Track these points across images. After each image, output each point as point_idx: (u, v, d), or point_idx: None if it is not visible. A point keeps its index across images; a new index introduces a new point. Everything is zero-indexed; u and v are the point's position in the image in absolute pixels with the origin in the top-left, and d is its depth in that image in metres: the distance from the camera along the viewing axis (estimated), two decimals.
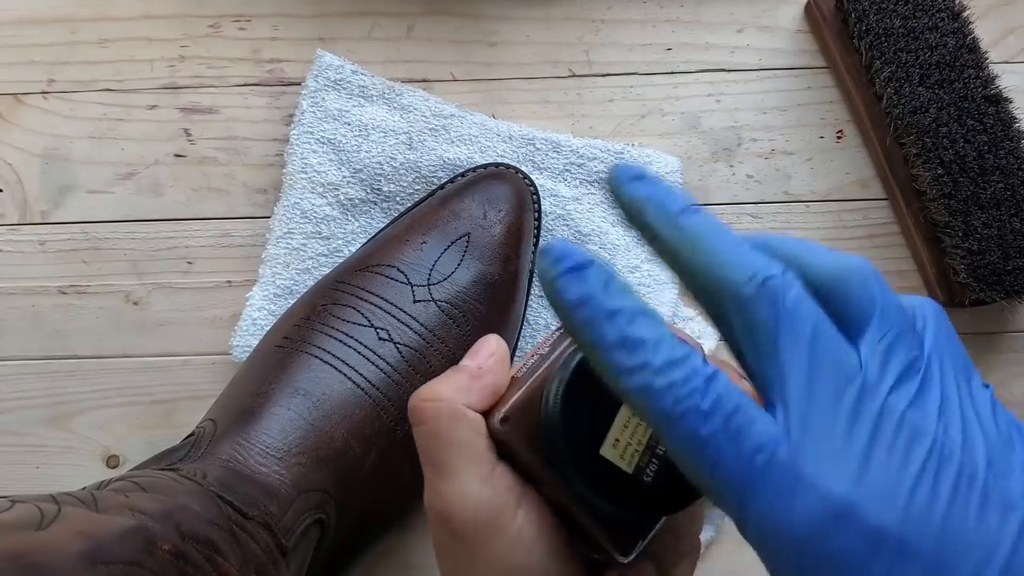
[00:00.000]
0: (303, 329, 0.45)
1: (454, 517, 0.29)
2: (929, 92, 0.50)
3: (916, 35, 0.51)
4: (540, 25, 0.56)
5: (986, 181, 0.49)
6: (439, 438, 0.30)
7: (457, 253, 0.48)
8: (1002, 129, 0.50)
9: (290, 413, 0.42)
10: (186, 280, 0.54)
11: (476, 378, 0.31)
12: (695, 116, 0.55)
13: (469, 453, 0.30)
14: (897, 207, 0.54)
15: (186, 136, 0.55)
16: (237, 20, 0.56)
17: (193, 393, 0.54)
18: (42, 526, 0.30)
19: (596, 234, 0.53)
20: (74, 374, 0.54)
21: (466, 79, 0.56)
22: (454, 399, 0.30)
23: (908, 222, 0.53)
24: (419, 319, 0.46)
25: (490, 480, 0.30)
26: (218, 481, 0.38)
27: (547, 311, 0.52)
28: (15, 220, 0.55)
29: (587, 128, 0.55)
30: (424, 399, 0.31)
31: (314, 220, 0.52)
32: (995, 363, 0.54)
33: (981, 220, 0.49)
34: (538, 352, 0.32)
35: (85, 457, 0.54)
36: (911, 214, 0.53)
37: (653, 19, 0.56)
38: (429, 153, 0.53)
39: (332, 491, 0.41)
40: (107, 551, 0.30)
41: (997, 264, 0.49)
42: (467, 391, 0.31)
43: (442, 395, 0.31)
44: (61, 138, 0.55)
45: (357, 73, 0.54)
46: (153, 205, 0.55)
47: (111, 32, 0.56)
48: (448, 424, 0.30)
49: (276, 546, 0.38)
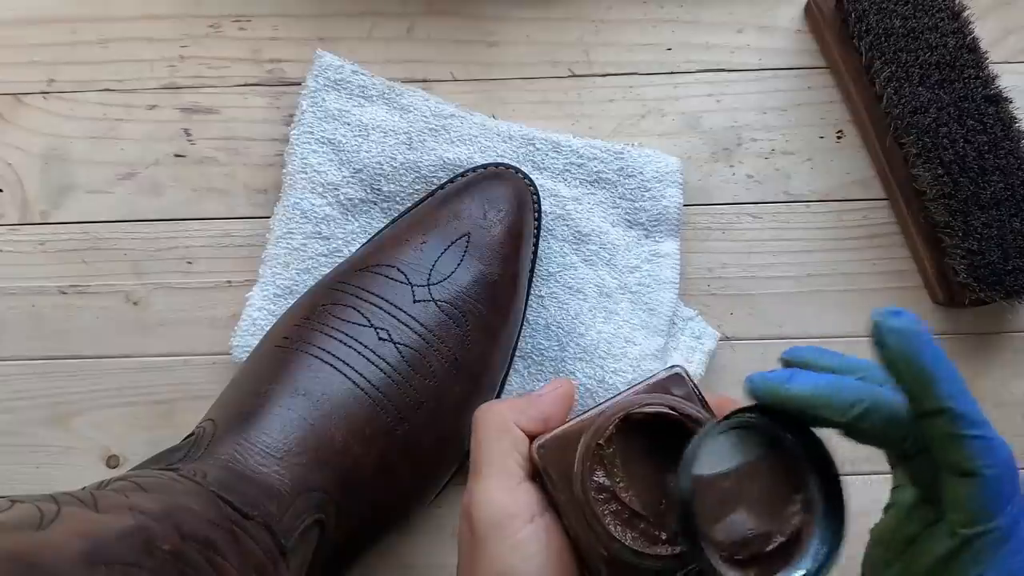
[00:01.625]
0: (303, 329, 0.45)
1: (472, 514, 0.33)
2: (929, 92, 0.50)
3: (916, 35, 0.51)
4: (540, 25, 0.56)
5: (986, 181, 0.49)
6: (483, 444, 0.35)
7: (457, 253, 0.48)
8: (1002, 129, 0.50)
9: (290, 413, 0.42)
10: (186, 280, 0.54)
11: (532, 403, 0.36)
12: (695, 116, 0.55)
13: (502, 462, 0.34)
14: (897, 207, 0.54)
15: (186, 136, 0.55)
16: (237, 20, 0.56)
17: (193, 393, 0.54)
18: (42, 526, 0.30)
19: (596, 234, 0.53)
20: (74, 374, 0.54)
21: (466, 79, 0.56)
22: (506, 415, 0.35)
23: (908, 222, 0.53)
24: (419, 319, 0.46)
25: (514, 491, 0.33)
26: (218, 481, 0.38)
27: (547, 311, 0.52)
28: (15, 220, 0.55)
29: (587, 128, 0.55)
30: (483, 409, 0.36)
31: (314, 220, 0.52)
32: (995, 363, 0.54)
33: (981, 220, 0.49)
34: (604, 403, 0.36)
35: (85, 457, 0.54)
36: (911, 214, 0.53)
37: (653, 19, 0.56)
38: (429, 153, 0.53)
39: (332, 491, 0.41)
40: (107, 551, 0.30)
41: (997, 264, 0.49)
42: (521, 412, 0.35)
43: (498, 409, 0.35)
44: (61, 138, 0.55)
45: (357, 73, 0.54)
46: (153, 205, 0.55)
47: (111, 32, 0.56)
48: (494, 433, 0.35)
49: (276, 546, 0.38)
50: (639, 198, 0.53)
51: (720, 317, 0.54)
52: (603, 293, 0.52)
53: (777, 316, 0.54)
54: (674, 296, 0.53)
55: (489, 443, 0.34)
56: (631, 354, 0.51)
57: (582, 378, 0.51)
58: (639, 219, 0.53)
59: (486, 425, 0.35)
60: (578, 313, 0.52)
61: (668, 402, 0.34)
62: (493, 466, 0.34)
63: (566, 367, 0.51)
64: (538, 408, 0.36)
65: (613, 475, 0.33)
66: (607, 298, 0.52)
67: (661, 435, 0.34)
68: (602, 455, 0.33)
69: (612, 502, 0.33)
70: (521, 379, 0.52)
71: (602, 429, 0.33)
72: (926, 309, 0.54)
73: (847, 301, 0.54)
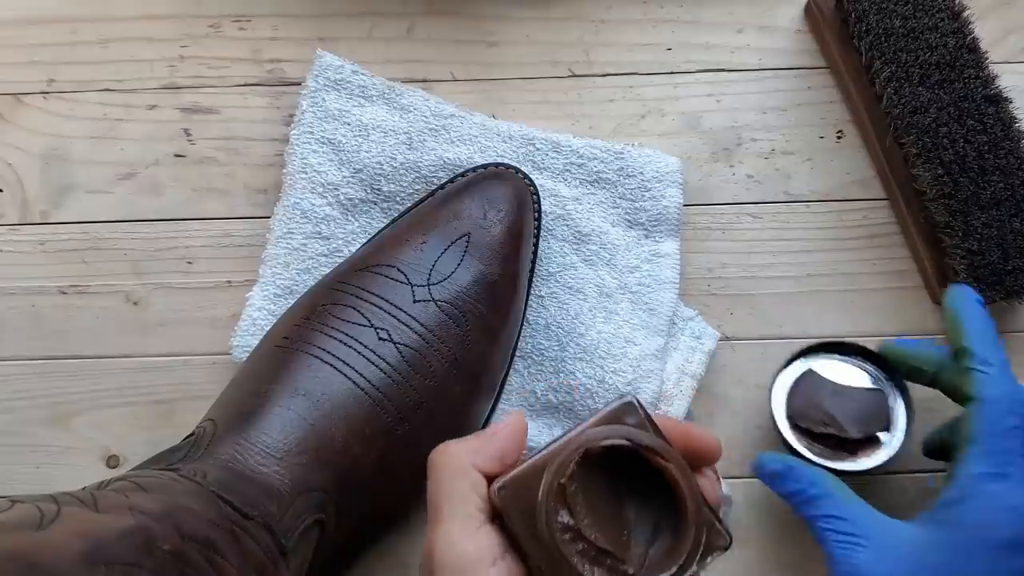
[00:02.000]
0: (303, 329, 0.45)
1: (434, 558, 0.32)
2: (929, 92, 0.50)
3: (916, 35, 0.51)
4: (540, 25, 0.56)
5: (986, 181, 0.49)
6: (441, 487, 0.34)
7: (457, 253, 0.48)
8: (1002, 129, 0.50)
9: (290, 413, 0.42)
10: (186, 280, 0.54)
11: (488, 441, 0.35)
12: (695, 116, 0.55)
13: (462, 507, 0.33)
14: (897, 207, 0.54)
15: (186, 136, 0.55)
16: (237, 20, 0.56)
17: (193, 393, 0.54)
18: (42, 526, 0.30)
19: (596, 234, 0.53)
20: (74, 374, 0.54)
21: (466, 79, 0.56)
22: (463, 457, 0.34)
23: (908, 222, 0.53)
24: (419, 319, 0.46)
25: (474, 535, 0.33)
26: (218, 481, 0.38)
27: (547, 311, 0.52)
28: (15, 220, 0.55)
29: (587, 128, 0.55)
30: (439, 452, 0.35)
31: (314, 220, 0.52)
32: None
33: (981, 220, 0.49)
34: (553, 442, 0.35)
35: (85, 457, 0.54)
36: (911, 214, 0.53)
37: (653, 19, 0.56)
38: (429, 153, 0.53)
39: (332, 491, 0.41)
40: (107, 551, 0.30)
41: (997, 264, 0.49)
42: (476, 452, 0.35)
43: (454, 451, 0.35)
44: (61, 138, 0.55)
45: (357, 73, 0.54)
46: (153, 205, 0.55)
47: (111, 32, 0.56)
48: (451, 476, 0.34)
49: (276, 546, 0.38)
50: (639, 198, 0.53)
51: (720, 317, 0.54)
52: (603, 293, 0.52)
53: (777, 316, 0.54)
54: (674, 296, 0.53)
55: (448, 487, 0.34)
56: (631, 354, 0.51)
57: (582, 378, 0.51)
58: (639, 219, 0.53)
59: (443, 468, 0.34)
60: (578, 313, 0.52)
61: (624, 434, 0.34)
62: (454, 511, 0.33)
63: (566, 367, 0.51)
64: (494, 446, 0.35)
65: (576, 513, 0.33)
66: (607, 298, 0.52)
67: (619, 466, 0.34)
68: (565, 494, 0.33)
69: (578, 541, 0.33)
70: (521, 379, 0.52)
71: (564, 467, 0.33)
72: (926, 309, 0.54)
73: (847, 301, 0.54)
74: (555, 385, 0.51)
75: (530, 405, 0.52)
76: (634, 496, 0.35)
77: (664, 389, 0.51)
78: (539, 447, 0.35)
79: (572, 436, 0.35)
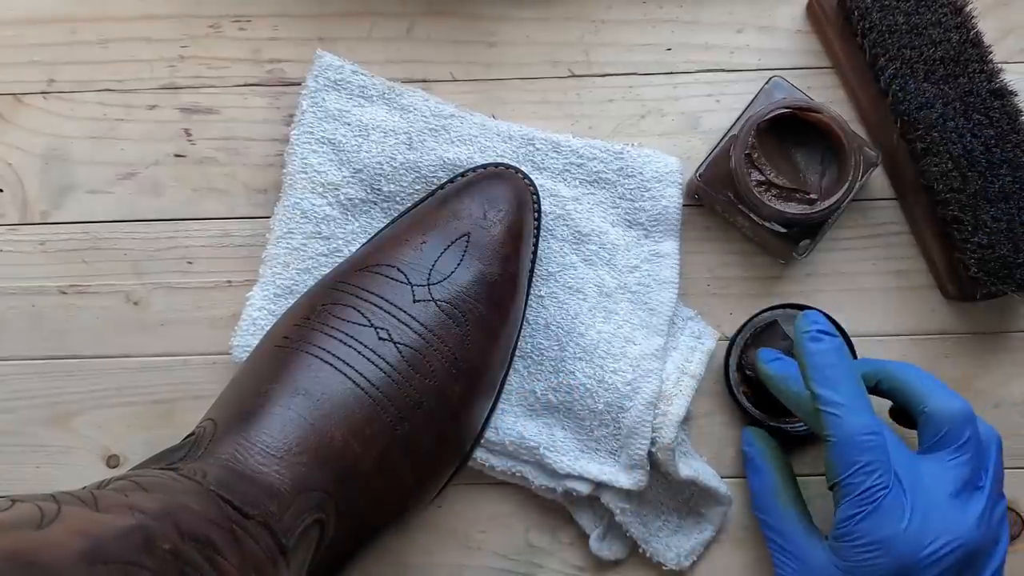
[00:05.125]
0: (303, 329, 0.45)
1: None
2: (934, 88, 0.50)
3: (920, 31, 0.51)
4: (540, 25, 0.56)
5: (994, 175, 0.49)
6: None
7: (457, 253, 0.48)
8: (1009, 123, 0.50)
9: (290, 413, 0.42)
10: (186, 280, 0.54)
11: None
12: (695, 116, 0.55)
13: None
14: (905, 204, 0.54)
15: (186, 136, 0.55)
16: (237, 20, 0.56)
17: (193, 393, 0.54)
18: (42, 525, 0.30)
19: (596, 234, 0.53)
20: (74, 374, 0.54)
21: (466, 79, 0.56)
22: None
23: (916, 218, 0.53)
24: (419, 319, 0.46)
25: None
26: (218, 481, 0.38)
27: (546, 311, 0.52)
28: (15, 220, 0.55)
29: (587, 128, 0.55)
30: None
31: (314, 220, 0.52)
32: (995, 363, 0.54)
33: (990, 214, 0.49)
34: (731, 127, 0.52)
35: (85, 457, 0.54)
36: (919, 210, 0.53)
37: (653, 19, 0.56)
38: (429, 153, 0.53)
39: (332, 491, 0.41)
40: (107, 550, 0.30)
41: (1008, 257, 0.49)
42: None
43: None
44: (61, 138, 0.55)
45: (357, 73, 0.54)
46: (153, 205, 0.55)
47: (111, 32, 0.56)
48: None
49: (276, 546, 0.38)
50: (639, 198, 0.53)
51: (720, 317, 0.54)
52: (603, 293, 0.52)
53: None
54: (674, 296, 0.53)
55: None
56: (631, 354, 0.51)
57: (582, 378, 0.51)
58: (639, 219, 0.53)
59: None
60: (578, 313, 0.52)
61: (780, 103, 0.49)
62: None
63: (566, 367, 0.51)
64: None
65: (763, 170, 0.49)
66: (607, 298, 0.52)
67: (784, 129, 0.49)
68: (752, 159, 0.48)
69: (770, 189, 0.49)
70: (521, 379, 0.52)
71: (745, 140, 0.48)
72: (927, 309, 0.54)
73: (848, 301, 0.54)
74: (555, 385, 0.51)
75: (530, 405, 0.52)
76: (800, 148, 0.50)
77: (664, 389, 0.51)
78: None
79: (744, 123, 0.49)
